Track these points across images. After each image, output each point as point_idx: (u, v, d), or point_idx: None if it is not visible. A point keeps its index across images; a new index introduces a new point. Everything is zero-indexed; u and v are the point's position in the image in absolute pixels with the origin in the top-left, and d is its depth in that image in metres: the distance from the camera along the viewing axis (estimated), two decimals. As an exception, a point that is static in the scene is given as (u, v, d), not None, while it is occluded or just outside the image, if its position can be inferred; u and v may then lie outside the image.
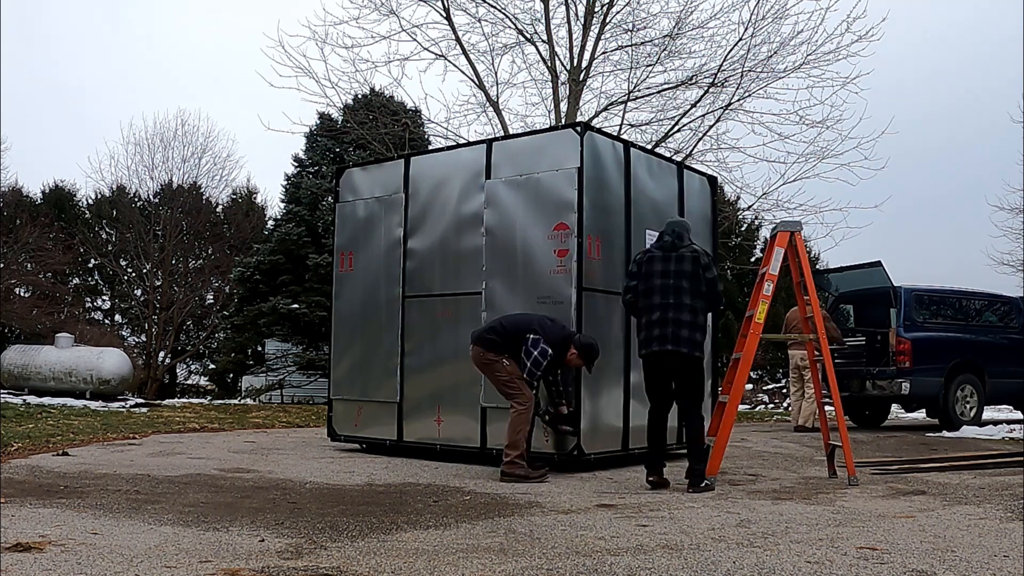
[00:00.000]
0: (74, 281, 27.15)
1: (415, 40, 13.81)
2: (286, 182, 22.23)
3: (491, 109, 14.19)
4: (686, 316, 5.62)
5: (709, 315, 6.15)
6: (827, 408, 6.45)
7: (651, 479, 5.69)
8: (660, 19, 15.74)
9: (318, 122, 20.83)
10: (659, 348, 5.64)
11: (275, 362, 20.05)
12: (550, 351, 5.93)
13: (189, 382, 27.34)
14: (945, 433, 10.62)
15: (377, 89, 17.26)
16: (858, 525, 4.24)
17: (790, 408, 12.28)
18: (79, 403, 14.73)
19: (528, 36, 14.03)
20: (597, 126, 8.72)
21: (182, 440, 9.09)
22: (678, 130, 14.10)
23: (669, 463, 5.92)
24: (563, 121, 13.23)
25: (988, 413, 12.80)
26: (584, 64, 13.93)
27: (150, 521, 4.15)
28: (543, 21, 13.85)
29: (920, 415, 13.90)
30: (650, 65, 13.88)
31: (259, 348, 21.69)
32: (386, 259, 7.79)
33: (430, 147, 14.83)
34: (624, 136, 13.02)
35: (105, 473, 6.05)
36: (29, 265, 23.30)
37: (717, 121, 13.83)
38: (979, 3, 49.15)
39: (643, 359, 5.84)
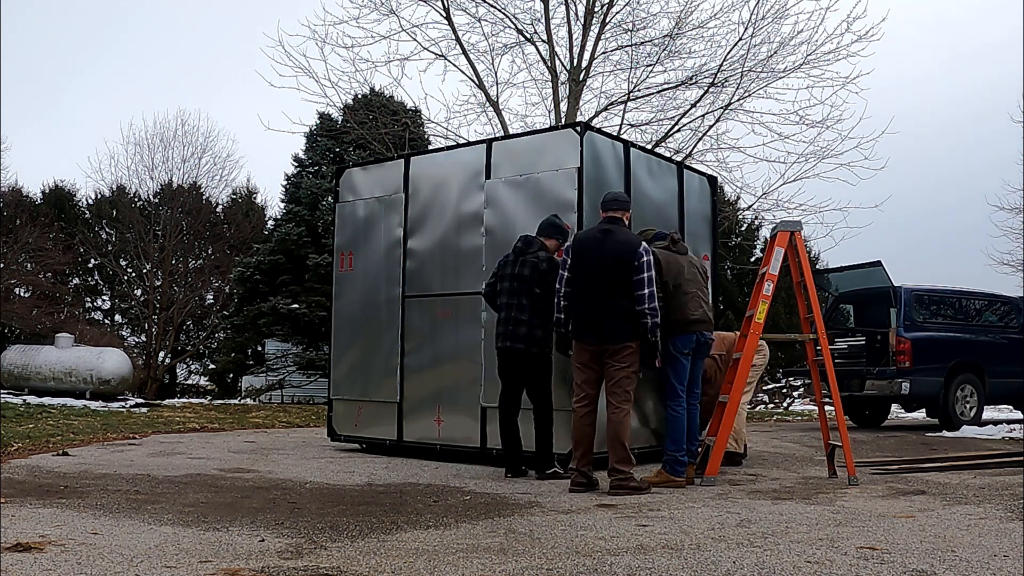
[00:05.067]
0: (74, 281, 27.12)
1: (415, 40, 13.81)
2: (286, 182, 22.25)
3: (491, 109, 14.19)
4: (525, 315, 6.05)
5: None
6: (827, 408, 6.45)
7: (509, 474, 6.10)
8: (660, 19, 15.75)
9: (318, 122, 20.84)
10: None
11: (275, 362, 20.05)
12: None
13: (189, 382, 27.32)
14: (945, 433, 10.62)
15: (377, 89, 17.27)
16: (858, 525, 4.24)
17: None
18: (79, 403, 14.73)
19: (528, 36, 14.03)
20: (597, 126, 8.72)
21: (182, 440, 9.09)
22: (678, 130, 14.11)
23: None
24: (563, 121, 13.22)
25: (988, 413, 12.80)
26: (584, 64, 13.93)
27: (150, 521, 4.15)
28: (543, 21, 13.85)
29: (920, 415, 13.90)
30: (650, 65, 13.89)
31: (259, 348, 21.70)
32: (386, 259, 7.79)
33: (430, 147, 14.82)
34: (624, 136, 13.02)
35: (105, 473, 6.05)
36: (29, 265, 23.29)
37: (717, 121, 13.84)
38: (979, 3, 49.17)
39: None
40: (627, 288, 5.41)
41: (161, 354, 24.27)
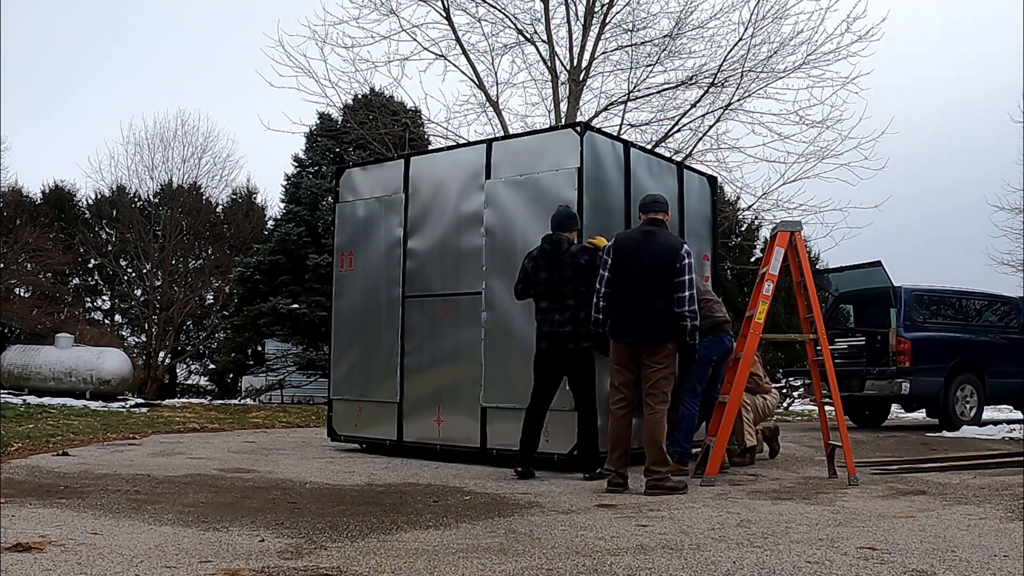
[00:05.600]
0: (74, 281, 27.12)
1: (415, 40, 13.82)
2: (286, 182, 22.26)
3: (491, 109, 14.19)
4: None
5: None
6: (827, 408, 6.45)
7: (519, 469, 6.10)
8: (660, 19, 15.74)
9: (318, 122, 20.85)
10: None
11: (275, 362, 20.06)
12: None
13: (189, 382, 27.32)
14: (945, 433, 10.62)
15: (377, 89, 17.28)
16: (858, 525, 4.24)
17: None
18: (79, 403, 14.73)
19: (528, 36, 14.03)
20: (597, 126, 8.72)
21: (182, 440, 9.09)
22: (678, 130, 14.11)
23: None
24: (563, 121, 13.22)
25: (988, 413, 12.80)
26: (584, 64, 13.94)
27: (150, 521, 4.15)
28: (543, 21, 13.86)
29: (920, 415, 13.90)
30: (650, 65, 13.89)
31: (259, 348, 21.70)
32: (386, 259, 7.79)
33: (430, 147, 14.83)
34: (624, 136, 13.02)
35: (105, 473, 6.05)
36: (29, 265, 23.28)
37: (717, 121, 13.85)
38: (979, 3, 49.17)
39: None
40: (668, 289, 5.45)
41: (161, 354, 24.27)
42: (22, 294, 23.33)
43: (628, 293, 5.51)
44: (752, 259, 23.07)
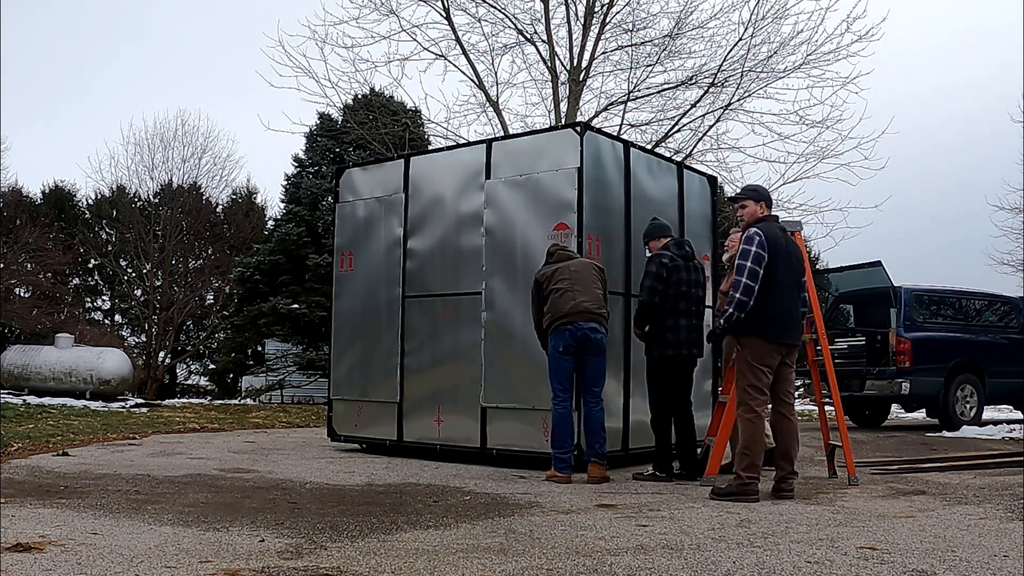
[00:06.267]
0: (74, 281, 27.11)
1: (415, 40, 13.80)
2: (286, 182, 22.25)
3: (491, 109, 14.18)
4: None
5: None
6: (827, 408, 6.45)
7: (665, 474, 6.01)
8: (660, 19, 15.70)
9: (318, 122, 20.84)
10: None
11: (275, 362, 20.05)
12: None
13: (189, 382, 27.32)
14: (945, 433, 10.62)
15: (377, 89, 17.27)
16: (858, 525, 4.24)
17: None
18: (79, 403, 14.73)
19: (528, 36, 14.03)
20: (597, 126, 8.72)
21: (182, 440, 9.09)
22: (678, 130, 14.10)
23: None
24: (563, 121, 13.22)
25: (988, 413, 12.80)
26: (584, 64, 13.93)
27: (150, 521, 4.15)
28: (543, 21, 13.85)
29: (920, 415, 13.90)
30: (650, 65, 13.88)
31: (259, 348, 21.70)
32: (386, 259, 7.79)
33: (430, 147, 14.82)
34: (624, 136, 13.01)
35: (105, 473, 6.06)
36: (29, 265, 23.28)
37: (717, 121, 13.83)
38: (979, 3, 49.19)
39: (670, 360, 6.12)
40: (800, 289, 5.52)
41: (161, 354, 24.26)
42: (22, 294, 23.33)
43: (787, 291, 5.30)
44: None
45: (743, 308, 5.12)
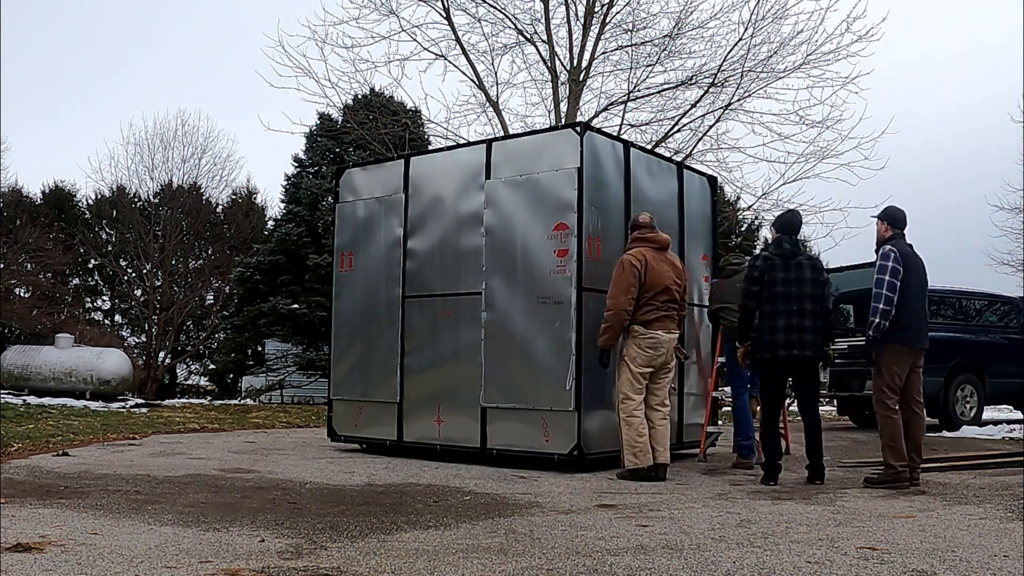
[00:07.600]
0: (74, 281, 27.13)
1: (415, 40, 13.82)
2: (286, 182, 22.26)
3: (491, 109, 14.19)
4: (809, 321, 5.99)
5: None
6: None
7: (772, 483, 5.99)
8: (660, 19, 15.72)
9: (318, 122, 20.85)
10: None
11: (275, 362, 20.06)
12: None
13: (189, 382, 27.34)
14: (945, 433, 10.62)
15: (377, 89, 17.28)
16: (858, 525, 4.24)
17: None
18: (79, 403, 14.74)
19: (528, 36, 14.03)
20: (597, 126, 8.72)
21: (182, 440, 9.09)
22: (678, 130, 14.11)
23: (674, 462, 6.08)
24: (563, 121, 13.22)
25: (988, 413, 12.80)
26: (584, 64, 13.93)
27: (150, 521, 4.15)
28: (543, 21, 13.86)
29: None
30: (650, 65, 13.89)
31: (259, 348, 21.71)
32: (386, 259, 7.79)
33: (430, 147, 14.83)
34: (624, 136, 13.01)
35: (105, 473, 6.06)
36: (29, 265, 23.29)
37: (717, 121, 13.84)
38: (979, 3, 49.19)
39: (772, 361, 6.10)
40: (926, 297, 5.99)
41: (161, 354, 24.27)
42: (22, 294, 23.34)
43: (921, 301, 5.88)
44: (752, 259, 23.00)
45: (887, 317, 5.68)
